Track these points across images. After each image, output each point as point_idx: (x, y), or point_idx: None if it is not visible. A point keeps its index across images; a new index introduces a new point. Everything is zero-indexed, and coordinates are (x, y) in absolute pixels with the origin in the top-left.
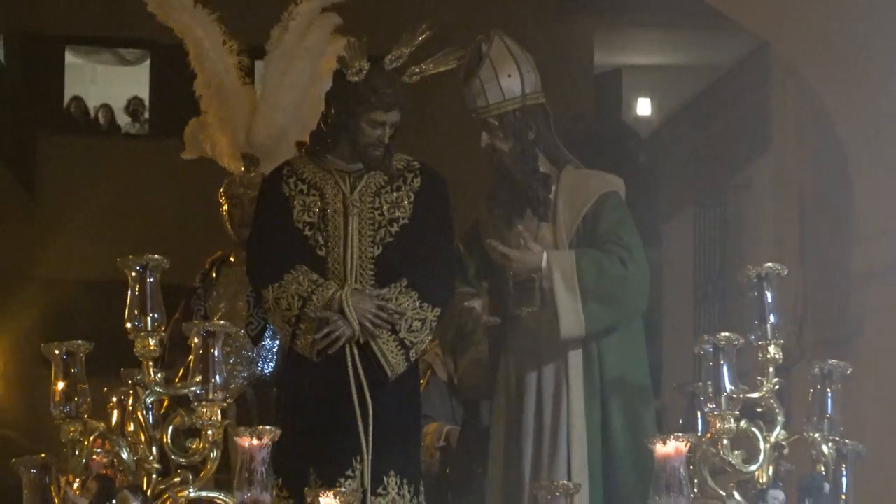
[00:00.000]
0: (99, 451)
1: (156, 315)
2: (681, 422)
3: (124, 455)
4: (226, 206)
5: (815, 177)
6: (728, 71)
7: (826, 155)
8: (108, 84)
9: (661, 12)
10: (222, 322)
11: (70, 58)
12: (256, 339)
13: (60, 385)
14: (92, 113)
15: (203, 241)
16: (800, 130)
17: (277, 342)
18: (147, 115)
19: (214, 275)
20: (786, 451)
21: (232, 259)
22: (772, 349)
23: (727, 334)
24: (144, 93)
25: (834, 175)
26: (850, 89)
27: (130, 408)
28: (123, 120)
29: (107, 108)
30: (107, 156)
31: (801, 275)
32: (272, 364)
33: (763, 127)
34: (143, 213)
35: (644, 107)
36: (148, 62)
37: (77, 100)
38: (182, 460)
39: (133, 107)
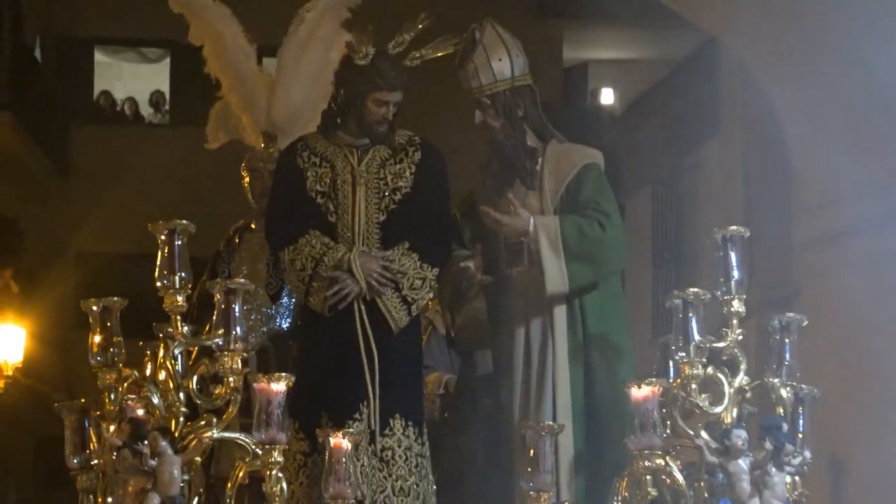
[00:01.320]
0: (132, 396)
1: (183, 274)
2: (654, 369)
3: (155, 400)
4: (247, 179)
5: (759, 156)
6: (681, 64)
7: (769, 137)
8: (132, 79)
9: (622, 13)
10: (242, 280)
11: (99, 56)
12: (275, 298)
13: (97, 338)
14: (119, 105)
15: (216, 216)
16: (745, 115)
17: (293, 300)
18: (167, 106)
19: (237, 240)
20: (748, 395)
21: (253, 226)
22: (736, 303)
23: (696, 290)
24: (165, 87)
25: (776, 155)
26: (790, 78)
27: (161, 358)
28: (147, 111)
29: (132, 100)
30: (132, 143)
31: (748, 243)
32: (288, 319)
33: (712, 113)
34: (164, 192)
35: (607, 96)
36: (168, 60)
37: (105, 94)
38: (207, 405)
39: (155, 99)
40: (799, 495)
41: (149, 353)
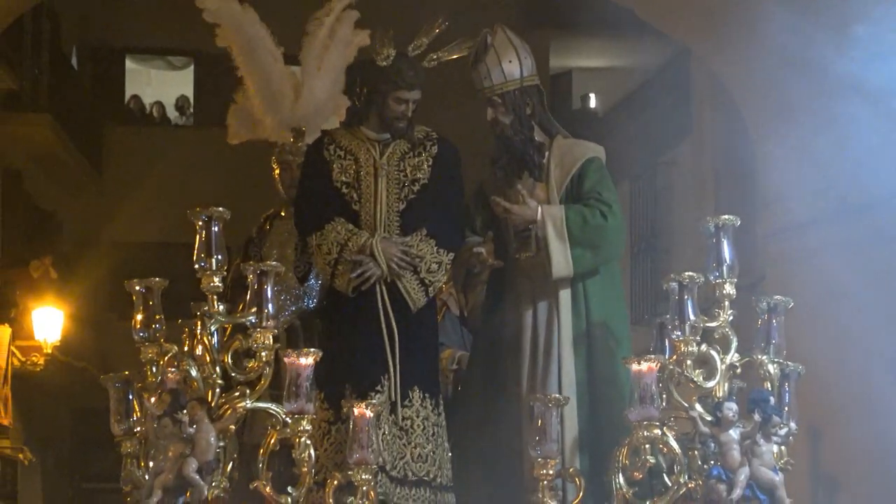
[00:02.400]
0: (172, 369)
1: (219, 256)
2: (651, 347)
3: (193, 373)
4: (277, 171)
5: (726, 155)
6: (657, 71)
7: (735, 137)
8: (160, 85)
9: (603, 25)
10: (273, 263)
11: (129, 64)
12: (303, 280)
13: (140, 316)
14: (147, 108)
15: (236, 209)
16: (714, 118)
17: (320, 281)
18: (192, 109)
19: (268, 227)
20: (738, 371)
21: (282, 214)
22: (727, 286)
23: (691, 273)
24: (189, 92)
25: (742, 153)
26: (754, 85)
27: (199, 334)
28: (173, 114)
29: (159, 104)
30: (159, 143)
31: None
32: (315, 300)
33: (685, 116)
34: (188, 187)
35: (591, 101)
36: (192, 67)
37: (135, 98)
38: (240, 377)
39: (180, 103)
40: (785, 463)
41: (187, 330)
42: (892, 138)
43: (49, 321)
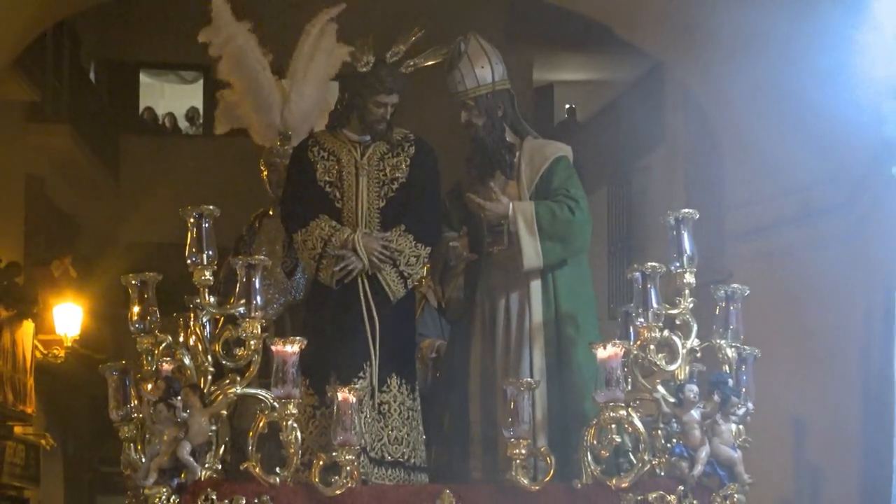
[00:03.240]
0: (167, 358)
1: (210, 252)
2: (617, 334)
3: (186, 361)
4: (265, 172)
5: (696, 162)
6: (633, 84)
7: (705, 146)
8: (172, 97)
9: (583, 41)
10: (260, 257)
11: (143, 78)
12: (290, 274)
13: (136, 308)
14: (160, 119)
15: (241, 211)
16: (685, 127)
17: (306, 276)
18: (201, 120)
19: (257, 225)
20: (699, 355)
21: (270, 212)
22: (688, 276)
23: (653, 264)
24: (199, 103)
25: (710, 161)
26: (723, 96)
27: (191, 325)
28: (183, 124)
29: (171, 115)
30: (171, 151)
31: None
32: (302, 293)
33: (658, 125)
34: (198, 191)
35: (571, 111)
36: (201, 81)
37: (149, 109)
38: (231, 365)
39: (190, 114)
40: (742, 441)
41: (181, 321)
42: (843, 149)
43: (69, 316)
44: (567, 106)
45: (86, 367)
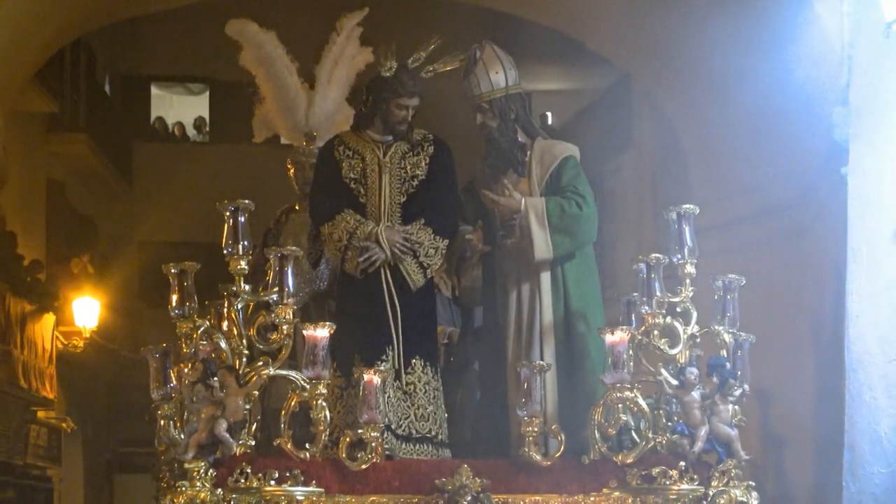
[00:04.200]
0: (204, 342)
1: (245, 243)
2: (621, 320)
3: (223, 345)
4: (292, 170)
5: (662, 165)
6: (603, 93)
7: (670, 149)
8: (181, 108)
9: (558, 54)
10: (293, 248)
11: (154, 90)
12: (315, 265)
13: (175, 295)
14: (170, 128)
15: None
16: (652, 132)
17: (329, 267)
18: (208, 129)
19: (284, 219)
20: (698, 340)
21: (297, 208)
22: (688, 267)
23: (657, 255)
24: (206, 113)
25: (675, 163)
26: (686, 104)
27: (226, 311)
28: (191, 132)
29: (180, 124)
30: (180, 157)
31: (654, 232)
32: (325, 282)
33: (627, 130)
34: (205, 195)
35: (547, 119)
36: (208, 92)
37: (160, 119)
38: (264, 348)
39: (198, 123)
40: (739, 420)
41: (213, 310)
42: (797, 151)
43: (87, 310)
44: (541, 114)
45: (103, 356)
